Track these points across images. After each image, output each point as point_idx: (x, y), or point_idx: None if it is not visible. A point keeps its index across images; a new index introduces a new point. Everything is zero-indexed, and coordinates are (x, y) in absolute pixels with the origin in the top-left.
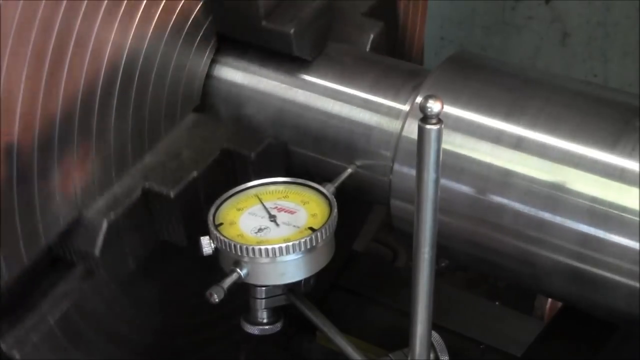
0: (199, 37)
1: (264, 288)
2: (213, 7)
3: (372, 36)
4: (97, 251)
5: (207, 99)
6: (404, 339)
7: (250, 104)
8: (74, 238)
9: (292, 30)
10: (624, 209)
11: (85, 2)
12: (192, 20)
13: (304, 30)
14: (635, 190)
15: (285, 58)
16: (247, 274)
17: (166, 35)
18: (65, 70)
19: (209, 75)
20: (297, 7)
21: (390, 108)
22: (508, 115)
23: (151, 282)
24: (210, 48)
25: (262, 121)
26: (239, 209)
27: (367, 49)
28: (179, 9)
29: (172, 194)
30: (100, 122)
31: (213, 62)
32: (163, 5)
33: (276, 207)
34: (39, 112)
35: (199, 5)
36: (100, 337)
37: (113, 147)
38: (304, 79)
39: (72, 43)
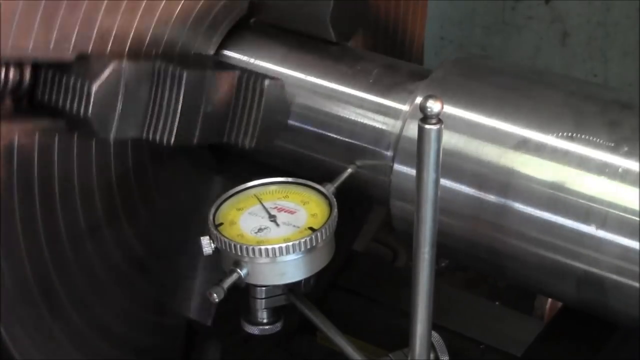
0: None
1: (264, 288)
2: None
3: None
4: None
5: None
6: (404, 339)
7: None
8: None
9: (252, 145)
10: (624, 209)
11: (85, 3)
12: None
13: (261, 137)
14: (635, 190)
15: (286, 59)
16: (247, 274)
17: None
18: None
19: None
20: (247, 112)
21: (390, 108)
22: (508, 115)
23: None
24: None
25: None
26: (239, 209)
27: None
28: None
29: None
30: None
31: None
32: None
33: (276, 207)
34: None
35: None
36: None
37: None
38: (304, 79)
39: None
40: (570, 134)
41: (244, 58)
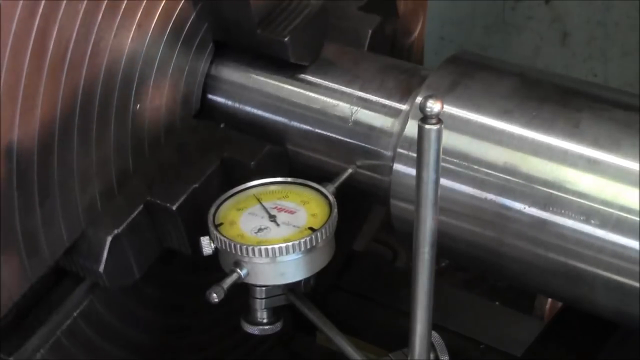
0: (196, 42)
1: (264, 288)
2: (207, 15)
3: (370, 31)
4: (101, 268)
5: (207, 100)
6: (404, 339)
7: (250, 104)
8: (79, 254)
9: (286, 39)
10: (624, 209)
11: (85, 2)
12: (189, 25)
13: (299, 37)
14: (635, 190)
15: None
16: (247, 274)
17: (164, 40)
18: (65, 70)
19: (208, 75)
20: (292, 12)
21: (390, 108)
22: (508, 114)
23: (154, 283)
24: (208, 53)
25: (262, 121)
26: (239, 209)
27: (367, 44)
28: (175, 14)
29: (174, 207)
30: (100, 129)
31: (212, 62)
32: (160, 10)
33: (276, 207)
34: (38, 112)
35: (194, 13)
36: (109, 344)
37: (114, 157)
38: (304, 79)
39: (72, 43)
40: (570, 133)
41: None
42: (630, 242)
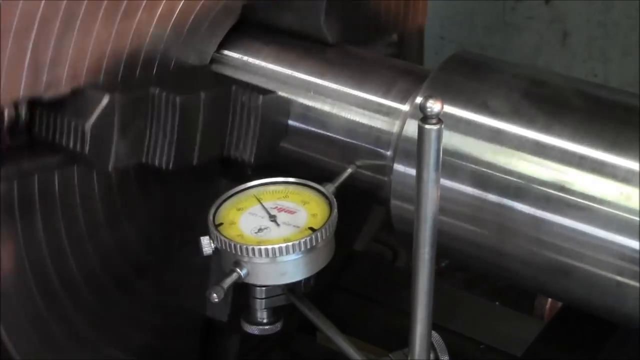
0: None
1: (264, 288)
2: None
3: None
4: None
5: None
6: (404, 339)
7: None
8: None
9: (252, 161)
10: (624, 209)
11: (85, 2)
12: None
13: (261, 150)
14: (635, 190)
15: (286, 59)
16: (247, 274)
17: None
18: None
19: None
20: (241, 125)
21: (390, 108)
22: (508, 114)
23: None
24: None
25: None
26: (239, 209)
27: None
28: None
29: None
30: None
31: (214, 60)
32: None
33: (276, 207)
34: None
35: None
36: None
37: None
38: (304, 80)
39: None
40: (570, 133)
41: (244, 58)
42: (631, 242)
